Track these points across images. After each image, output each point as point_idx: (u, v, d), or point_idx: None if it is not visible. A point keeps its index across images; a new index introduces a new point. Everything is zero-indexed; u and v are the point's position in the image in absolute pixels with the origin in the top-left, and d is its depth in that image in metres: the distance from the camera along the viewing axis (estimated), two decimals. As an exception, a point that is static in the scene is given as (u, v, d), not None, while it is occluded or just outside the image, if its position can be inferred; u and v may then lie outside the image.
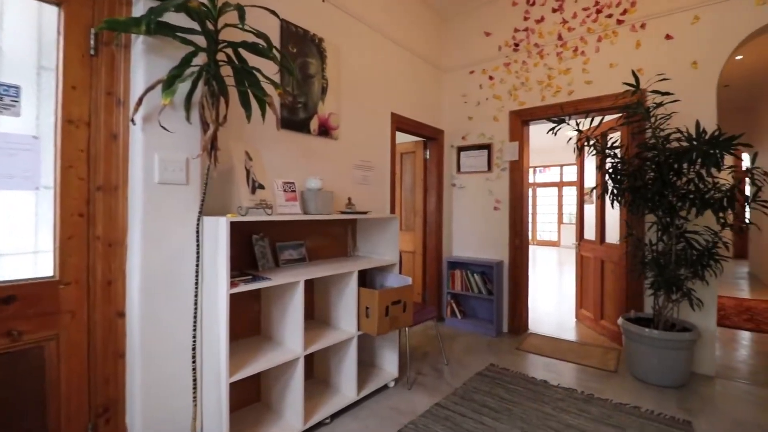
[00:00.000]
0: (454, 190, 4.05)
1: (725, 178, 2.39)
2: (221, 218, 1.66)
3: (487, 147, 3.77)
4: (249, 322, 2.19)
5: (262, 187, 2.03)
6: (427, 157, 4.02)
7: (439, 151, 3.98)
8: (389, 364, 2.68)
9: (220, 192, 2.04)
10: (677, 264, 2.55)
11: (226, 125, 2.04)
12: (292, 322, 2.00)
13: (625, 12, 3.01)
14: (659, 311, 2.73)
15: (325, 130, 2.64)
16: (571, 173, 11.83)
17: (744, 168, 2.27)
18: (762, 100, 6.08)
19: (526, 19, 3.49)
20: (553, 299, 5.13)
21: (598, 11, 3.12)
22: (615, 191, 2.72)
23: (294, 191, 2.21)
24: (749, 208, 2.38)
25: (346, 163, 2.85)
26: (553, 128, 3.02)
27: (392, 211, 3.34)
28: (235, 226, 2.11)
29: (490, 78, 3.74)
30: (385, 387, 2.60)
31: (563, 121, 2.97)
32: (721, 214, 2.38)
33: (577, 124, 2.91)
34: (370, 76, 3.07)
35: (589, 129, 3.05)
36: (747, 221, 2.38)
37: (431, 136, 3.88)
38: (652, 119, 2.50)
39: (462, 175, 3.98)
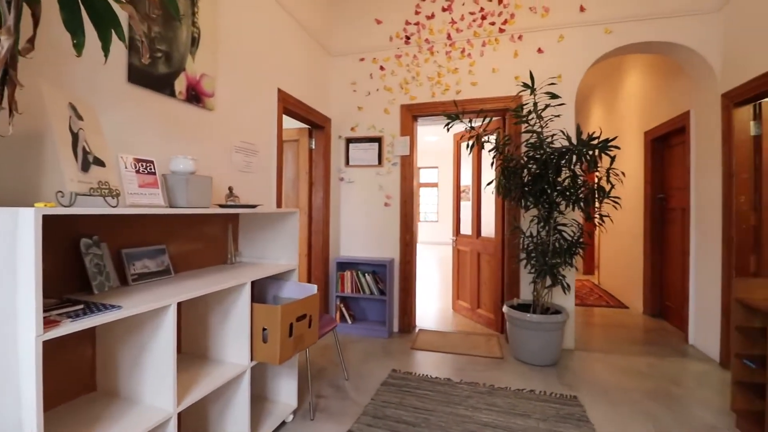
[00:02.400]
0: (342, 184, 3.73)
1: (589, 177, 2.76)
2: (24, 210, 0.94)
3: (378, 140, 3.59)
4: (76, 373, 1.40)
5: (100, 163, 1.30)
6: (313, 147, 3.59)
7: (326, 142, 3.60)
8: (286, 393, 2.18)
9: (21, 165, 1.23)
10: (554, 253, 2.83)
11: (37, 55, 1.24)
12: (157, 367, 1.34)
13: (505, 22, 3.24)
14: (537, 297, 2.99)
15: (195, 96, 1.96)
16: (428, 175, 12.91)
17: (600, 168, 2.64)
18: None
19: (417, 13, 3.44)
20: (426, 292, 5.34)
21: (483, 17, 3.29)
22: (508, 187, 2.86)
23: (153, 173, 1.52)
24: (601, 203, 2.80)
25: (224, 142, 2.21)
26: (447, 124, 3.02)
27: (278, 205, 2.80)
28: (51, 224, 1.31)
29: (381, 68, 3.57)
30: (283, 424, 2.09)
31: (457, 118, 3.00)
32: (585, 208, 2.72)
33: (470, 122, 2.96)
34: (254, 40, 2.49)
35: (480, 126, 3.16)
36: (602, 215, 2.79)
37: (319, 124, 3.46)
38: (540, 120, 2.70)
39: (351, 169, 3.69)
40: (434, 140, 10.53)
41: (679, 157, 3.73)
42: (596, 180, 2.66)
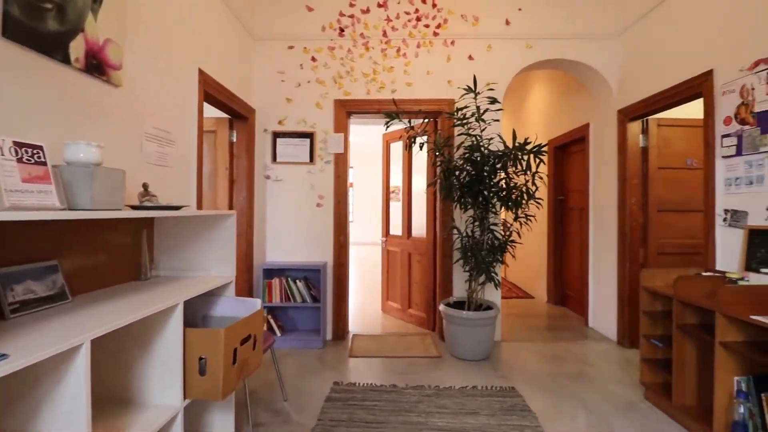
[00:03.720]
0: (268, 182, 3.38)
1: (519, 179, 2.95)
2: None
3: (310, 136, 3.33)
4: None
5: (-40, 146, 0.89)
6: (234, 139, 3.18)
7: (250, 135, 3.21)
8: (221, 427, 1.84)
9: None
10: (488, 252, 2.95)
11: None
12: (61, 427, 0.97)
13: (439, 26, 3.29)
14: (471, 294, 3.10)
15: (98, 66, 1.52)
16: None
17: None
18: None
19: (352, 5, 3.28)
20: (352, 295, 5.21)
21: (418, 19, 3.29)
22: (449, 188, 2.89)
23: (43, 163, 1.11)
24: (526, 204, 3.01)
25: (133, 127, 1.77)
26: (387, 123, 2.95)
27: (198, 206, 2.39)
28: None
29: (313, 59, 3.32)
30: (220, 466, 1.76)
31: (397, 117, 2.94)
32: (515, 209, 2.90)
33: (410, 122, 2.93)
34: (172, 6, 2.06)
35: (420, 126, 3.14)
36: (528, 215, 3.00)
37: (242, 114, 3.07)
38: (480, 124, 2.79)
39: (279, 166, 3.36)
40: (351, 140, 10.44)
41: (577, 164, 4.26)
42: (525, 182, 2.84)
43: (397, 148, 4.15)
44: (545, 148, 5.50)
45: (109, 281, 1.58)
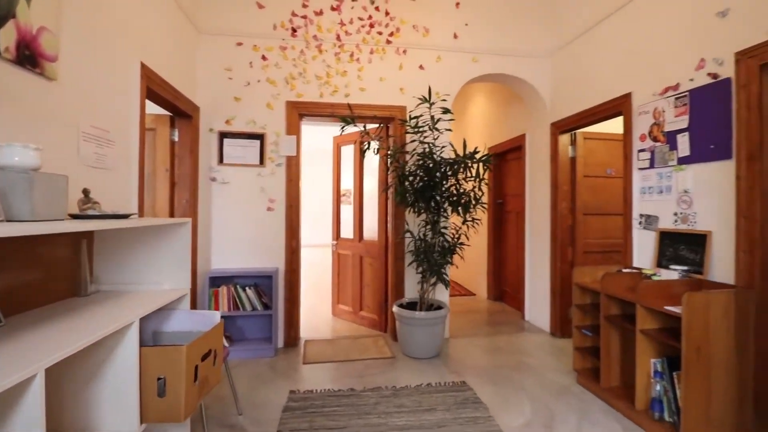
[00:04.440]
0: (213, 185, 3.19)
1: (467, 185, 3.12)
2: None
3: (260, 137, 3.21)
4: None
5: None
6: (176, 139, 2.96)
7: (194, 134, 3.02)
8: (174, 451, 1.72)
9: None
10: (440, 254, 3.09)
11: None
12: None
13: (392, 34, 3.36)
14: (424, 295, 3.22)
15: (30, 57, 1.34)
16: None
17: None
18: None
19: (305, 6, 3.23)
20: (304, 299, 5.10)
21: (371, 26, 3.33)
22: (404, 193, 2.97)
23: (-28, 170, 0.97)
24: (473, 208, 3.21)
25: (69, 126, 1.59)
26: (342, 127, 2.96)
27: (141, 212, 2.20)
28: None
29: (264, 58, 3.20)
30: (175, 492, 1.65)
31: (352, 122, 2.96)
32: (464, 213, 3.08)
33: (365, 127, 2.96)
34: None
35: (376, 132, 3.19)
36: (474, 218, 3.19)
37: (185, 112, 2.87)
38: (434, 132, 2.90)
39: (226, 168, 3.19)
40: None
41: (514, 170, 4.61)
42: (472, 188, 3.02)
43: (348, 152, 4.16)
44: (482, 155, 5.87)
45: (45, 299, 1.40)
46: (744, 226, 1.97)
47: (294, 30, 3.22)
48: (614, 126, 3.35)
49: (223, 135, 3.16)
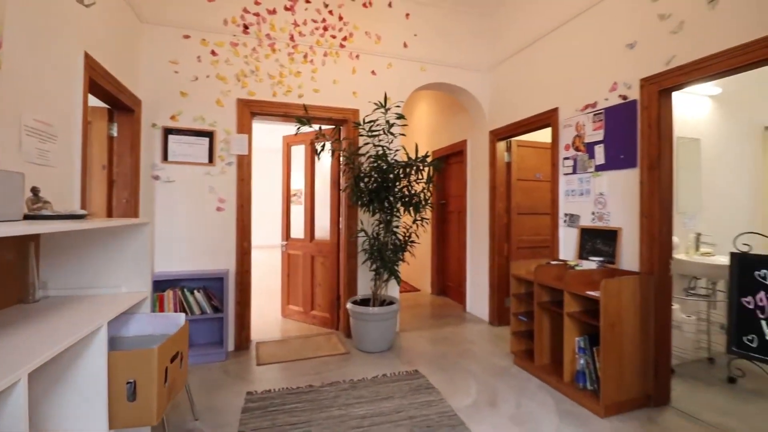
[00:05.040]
0: (157, 184, 3.02)
1: (417, 187, 3.32)
2: None
3: (209, 135, 3.10)
4: None
5: None
6: (115, 134, 2.76)
7: (135, 129, 2.83)
8: (134, 460, 1.65)
9: None
10: (392, 252, 3.25)
11: None
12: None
13: (345, 39, 3.45)
14: (376, 291, 3.36)
15: (-28, 42, 1.23)
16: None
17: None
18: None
19: (258, 3, 3.18)
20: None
21: (325, 29, 3.38)
22: (359, 194, 3.07)
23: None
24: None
25: (10, 119, 1.46)
26: (298, 128, 2.99)
27: (83, 208, 2.04)
28: None
29: (214, 53, 3.10)
30: (136, 501, 1.59)
31: (308, 123, 3.00)
32: (415, 213, 3.27)
33: (320, 128, 3.02)
34: (47, -26, 1.73)
35: (329, 132, 3.24)
36: (423, 218, 3.40)
37: (127, 106, 2.69)
38: (389, 136, 3.04)
39: (171, 166, 3.04)
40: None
41: (456, 173, 4.94)
42: (422, 189, 3.23)
43: (298, 152, 4.15)
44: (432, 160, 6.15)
45: (-11, 307, 1.29)
46: (646, 224, 2.39)
47: (246, 27, 3.16)
48: (543, 136, 3.78)
49: (167, 131, 3.00)
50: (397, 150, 3.24)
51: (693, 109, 3.32)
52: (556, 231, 3.13)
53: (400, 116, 3.11)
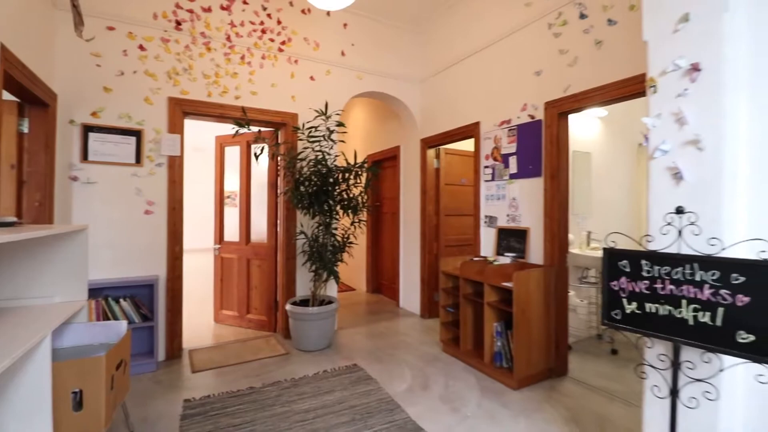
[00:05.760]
0: (75, 185, 2.78)
1: (355, 190, 3.49)
2: None
3: (137, 134, 2.94)
4: None
5: None
6: (26, 130, 2.50)
7: (50, 126, 2.59)
8: (68, 477, 1.59)
9: None
10: (331, 253, 3.38)
11: None
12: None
13: (284, 43, 3.48)
14: (316, 291, 3.46)
15: None
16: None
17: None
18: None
19: (191, 0, 3.08)
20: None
21: (263, 32, 3.39)
22: (299, 197, 3.15)
23: None
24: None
25: None
26: (236, 132, 2.99)
27: (-7, 218, 1.86)
28: None
29: (142, 48, 2.93)
30: None
31: (247, 125, 3.01)
32: (353, 215, 3.44)
33: (259, 131, 3.04)
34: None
35: (269, 134, 3.26)
36: (361, 219, 3.58)
37: (40, 100, 2.45)
38: (329, 142, 3.16)
39: (91, 166, 2.82)
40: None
41: (390, 176, 5.21)
42: (359, 192, 3.41)
43: (233, 153, 4.06)
44: (369, 165, 6.35)
45: None
46: (548, 223, 2.84)
47: (179, 23, 3.05)
48: (468, 145, 4.20)
49: (87, 128, 2.79)
50: (336, 156, 3.38)
51: (586, 127, 3.97)
52: (478, 231, 3.53)
53: (340, 124, 3.25)
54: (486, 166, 3.43)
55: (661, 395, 1.44)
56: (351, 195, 3.39)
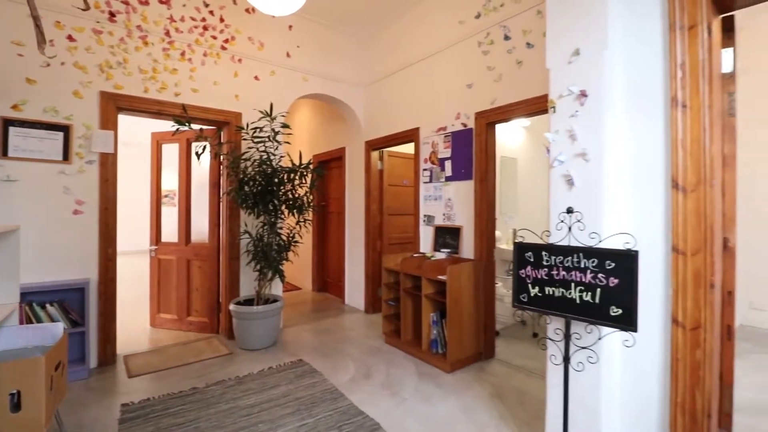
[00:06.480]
0: (-9, 183, 2.57)
1: (300, 191, 3.57)
2: None
3: (64, 129, 2.77)
4: None
5: None
6: (-70, 122, 2.28)
7: (-40, 117, 2.38)
8: (-3, 486, 1.53)
9: None
10: (277, 252, 3.44)
11: None
12: None
13: (227, 41, 3.46)
14: (261, 290, 3.50)
15: None
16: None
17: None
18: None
19: (126, -9, 2.97)
20: (103, 315, 4.41)
21: (205, 28, 3.34)
22: (244, 197, 3.16)
23: None
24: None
25: None
26: (177, 130, 2.94)
27: None
28: None
29: (71, 38, 2.77)
30: None
31: (187, 124, 2.97)
32: (299, 215, 3.53)
33: (201, 130, 3.01)
34: None
35: (211, 132, 3.23)
36: (306, 219, 3.67)
37: (-51, 89, 2.25)
38: (275, 143, 3.20)
39: (12, 163, 2.62)
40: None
41: (336, 177, 5.33)
42: (305, 193, 3.51)
43: (171, 150, 3.93)
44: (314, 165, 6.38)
45: None
46: (478, 222, 3.16)
47: (112, 14, 2.92)
48: (409, 148, 4.45)
49: (7, 122, 2.58)
50: (282, 156, 3.44)
51: (513, 135, 4.40)
52: (418, 229, 3.79)
53: (285, 125, 3.32)
54: (425, 169, 3.70)
55: (557, 362, 1.75)
56: (296, 195, 3.47)
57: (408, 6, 3.82)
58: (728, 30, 1.77)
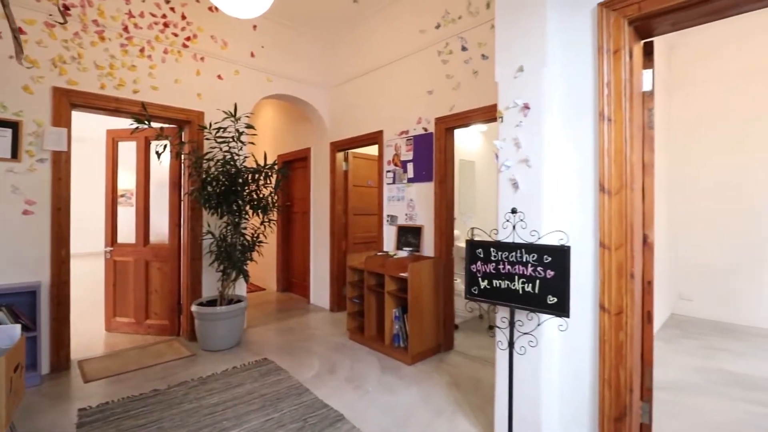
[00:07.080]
0: (-72, 181, 2.42)
1: (265, 191, 3.59)
2: None
3: (13, 126, 2.65)
4: None
5: None
6: None
7: None
8: (-53, 493, 1.49)
9: None
10: (240, 252, 3.45)
11: None
12: None
13: (189, 39, 3.42)
14: (225, 290, 3.49)
15: None
16: None
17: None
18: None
19: (81, -17, 2.87)
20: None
21: (165, 25, 3.29)
22: (207, 197, 3.14)
23: None
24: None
25: None
26: (136, 128, 2.90)
27: None
28: None
29: (21, 31, 2.64)
30: None
31: (147, 122, 2.93)
32: (263, 215, 3.55)
33: (162, 129, 2.98)
34: None
35: (172, 131, 3.18)
36: (270, 219, 3.70)
37: None
38: (239, 144, 3.21)
39: (-48, 160, 2.48)
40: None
41: (301, 177, 5.35)
42: (269, 193, 3.54)
43: (128, 148, 3.81)
44: (279, 165, 6.34)
45: None
46: (437, 222, 3.34)
47: (66, 8, 2.82)
48: (373, 150, 4.57)
49: (-53, 116, 2.45)
50: (246, 156, 3.45)
51: (472, 139, 4.64)
52: (381, 228, 3.92)
53: (250, 126, 3.34)
54: (388, 171, 3.84)
55: (503, 348, 1.93)
56: (261, 195, 3.49)
57: (372, 12, 3.94)
58: (648, 53, 2.03)
